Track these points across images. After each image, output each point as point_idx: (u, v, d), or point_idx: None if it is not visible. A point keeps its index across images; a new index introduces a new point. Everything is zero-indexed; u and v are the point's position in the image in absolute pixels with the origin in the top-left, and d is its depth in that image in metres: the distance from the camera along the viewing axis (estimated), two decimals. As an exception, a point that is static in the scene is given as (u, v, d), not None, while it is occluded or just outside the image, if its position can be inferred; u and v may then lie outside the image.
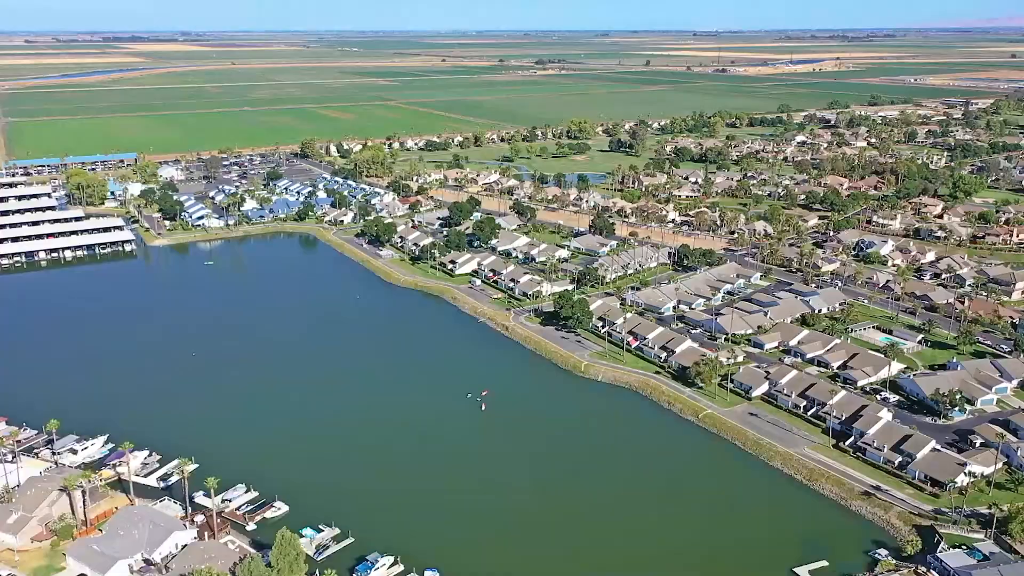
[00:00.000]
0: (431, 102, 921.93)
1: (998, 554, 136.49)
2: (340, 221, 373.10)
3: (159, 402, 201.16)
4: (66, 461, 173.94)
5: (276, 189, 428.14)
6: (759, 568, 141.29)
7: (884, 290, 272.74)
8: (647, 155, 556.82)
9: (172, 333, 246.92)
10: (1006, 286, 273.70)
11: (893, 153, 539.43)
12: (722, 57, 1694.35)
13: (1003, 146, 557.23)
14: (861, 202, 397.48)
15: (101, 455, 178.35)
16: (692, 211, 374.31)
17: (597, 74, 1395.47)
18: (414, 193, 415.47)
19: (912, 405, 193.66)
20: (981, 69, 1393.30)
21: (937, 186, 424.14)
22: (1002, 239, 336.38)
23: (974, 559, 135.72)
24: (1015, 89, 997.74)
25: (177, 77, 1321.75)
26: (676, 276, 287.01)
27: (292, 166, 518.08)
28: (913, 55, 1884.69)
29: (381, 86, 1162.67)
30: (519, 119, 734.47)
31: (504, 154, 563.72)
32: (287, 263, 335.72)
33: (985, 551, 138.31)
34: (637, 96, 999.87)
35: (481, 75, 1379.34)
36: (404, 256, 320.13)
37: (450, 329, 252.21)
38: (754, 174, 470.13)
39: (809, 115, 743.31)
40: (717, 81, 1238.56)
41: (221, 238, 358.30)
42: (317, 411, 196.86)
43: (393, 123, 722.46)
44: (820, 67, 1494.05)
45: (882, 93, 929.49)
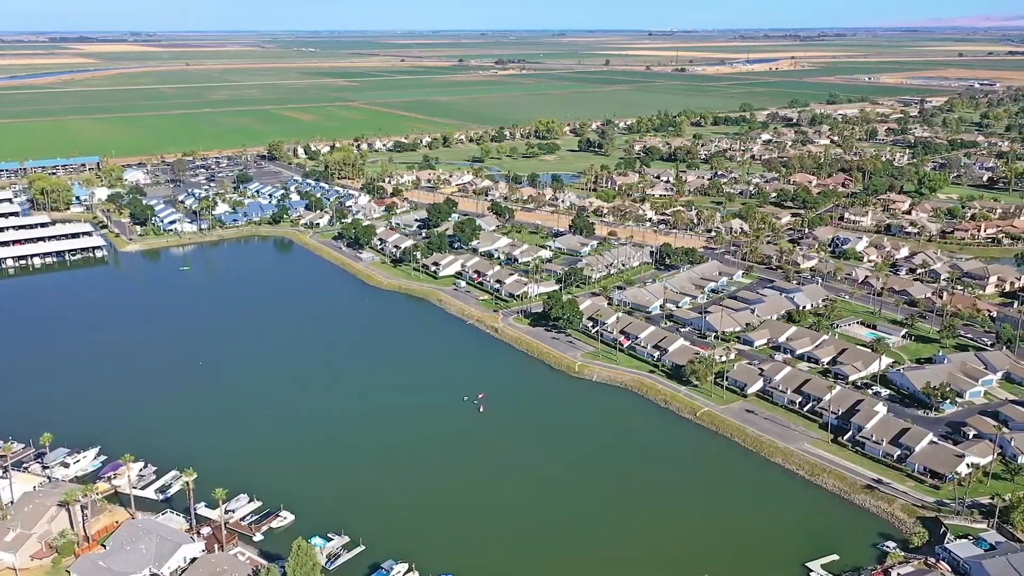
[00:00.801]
0: (394, 102, 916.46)
1: (1004, 543, 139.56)
2: (316, 224, 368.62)
3: (149, 411, 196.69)
4: (58, 475, 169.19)
5: (247, 192, 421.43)
6: (771, 564, 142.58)
7: (864, 286, 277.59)
8: (616, 154, 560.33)
9: (156, 341, 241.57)
10: (980, 280, 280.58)
11: (857, 151, 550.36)
12: (680, 57, 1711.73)
13: (961, 143, 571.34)
14: (831, 199, 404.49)
15: (94, 468, 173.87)
16: (669, 210, 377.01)
17: (558, 74, 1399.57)
18: (389, 195, 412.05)
19: (903, 399, 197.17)
20: (931, 68, 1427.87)
21: (903, 183, 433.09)
22: (970, 234, 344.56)
23: (981, 549, 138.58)
24: (966, 87, 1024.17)
25: (131, 78, 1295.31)
26: (660, 275, 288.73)
27: (260, 168, 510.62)
28: (864, 54, 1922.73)
29: (341, 87, 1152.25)
30: (485, 119, 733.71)
31: (474, 154, 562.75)
32: (266, 267, 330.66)
33: (990, 541, 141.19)
34: (599, 95, 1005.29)
35: (441, 75, 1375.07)
36: (385, 259, 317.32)
37: (440, 332, 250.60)
38: (724, 173, 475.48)
39: (772, 114, 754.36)
40: (677, 80, 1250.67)
41: (195, 243, 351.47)
42: (314, 417, 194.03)
43: (357, 124, 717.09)
44: (776, 66, 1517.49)
45: (839, 92, 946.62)
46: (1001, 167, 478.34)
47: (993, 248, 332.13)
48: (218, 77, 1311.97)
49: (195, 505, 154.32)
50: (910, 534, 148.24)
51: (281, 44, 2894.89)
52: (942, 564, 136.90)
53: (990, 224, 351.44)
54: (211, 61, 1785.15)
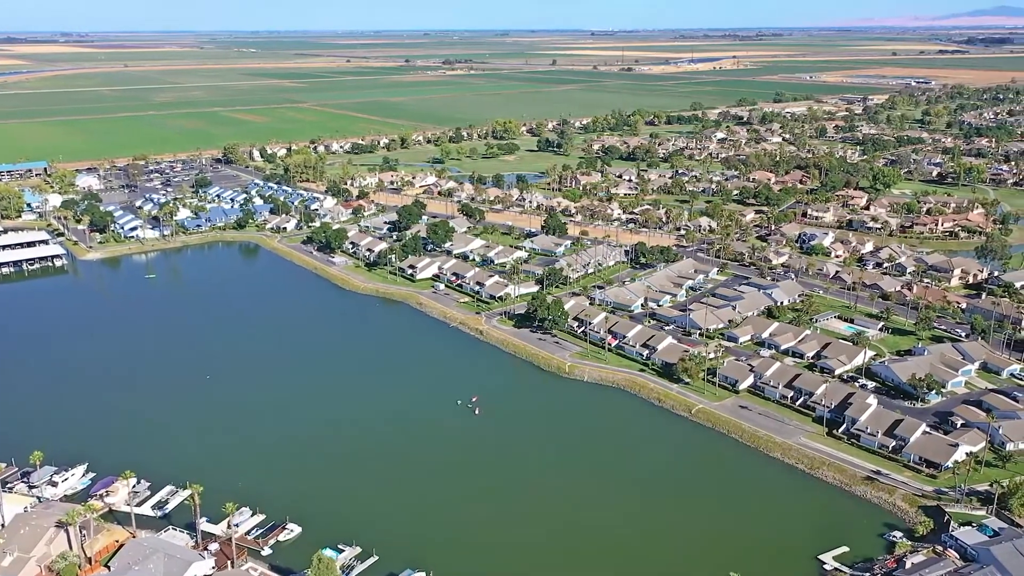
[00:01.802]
0: (345, 103, 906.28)
1: (1007, 529, 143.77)
2: (283, 228, 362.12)
3: (134, 425, 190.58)
4: (47, 495, 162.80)
5: (208, 197, 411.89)
6: (785, 558, 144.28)
7: (836, 280, 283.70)
8: (575, 154, 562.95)
9: (132, 352, 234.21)
10: (944, 273, 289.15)
11: (810, 148, 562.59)
12: (625, 56, 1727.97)
13: (908, 139, 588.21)
14: (792, 196, 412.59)
15: (83, 486, 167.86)
16: (637, 209, 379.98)
17: (506, 74, 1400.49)
18: (355, 197, 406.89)
19: (889, 391, 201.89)
20: (869, 67, 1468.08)
21: (858, 179, 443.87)
22: (928, 228, 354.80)
23: (985, 536, 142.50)
24: (904, 85, 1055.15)
25: (67, 80, 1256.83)
26: (638, 274, 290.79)
27: (217, 172, 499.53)
28: (803, 53, 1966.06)
29: (289, 88, 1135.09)
30: (439, 120, 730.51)
31: (434, 156, 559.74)
32: (236, 274, 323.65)
33: (993, 527, 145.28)
34: (550, 95, 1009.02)
35: (389, 75, 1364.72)
36: (359, 262, 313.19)
37: (424, 335, 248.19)
38: (685, 171, 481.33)
39: (723, 112, 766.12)
40: (625, 80, 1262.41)
41: (157, 250, 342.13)
42: (308, 426, 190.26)
43: (311, 126, 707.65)
44: (719, 65, 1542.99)
45: (784, 90, 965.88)
46: (947, 162, 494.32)
47: (951, 242, 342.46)
48: (159, 79, 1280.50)
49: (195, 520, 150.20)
50: (915, 523, 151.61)
51: (220, 45, 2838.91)
52: (950, 552, 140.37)
53: (947, 218, 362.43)
54: (150, 62, 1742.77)
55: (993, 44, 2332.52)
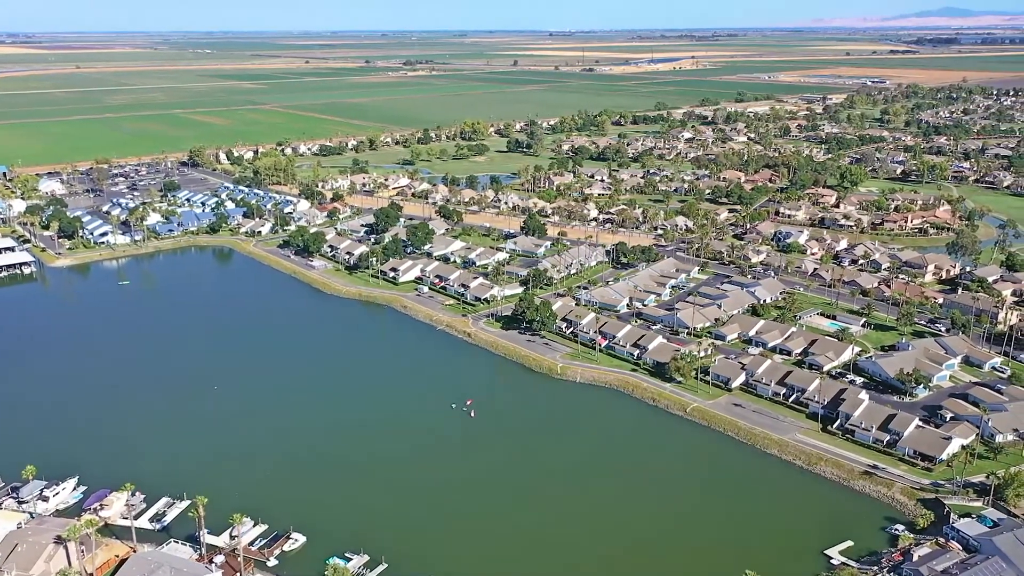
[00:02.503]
0: (308, 105, 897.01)
1: (1006, 519, 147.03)
2: (257, 232, 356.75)
3: (122, 436, 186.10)
4: (39, 510, 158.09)
5: (178, 201, 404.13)
6: (791, 554, 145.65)
7: (814, 278, 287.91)
8: (545, 155, 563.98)
9: (114, 360, 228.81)
10: (918, 268, 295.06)
11: (776, 147, 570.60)
12: (586, 57, 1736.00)
13: (870, 138, 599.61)
14: (764, 195, 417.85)
15: (75, 500, 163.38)
16: (613, 209, 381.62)
17: (468, 74, 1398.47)
18: (329, 200, 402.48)
19: (877, 386, 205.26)
20: (824, 66, 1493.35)
21: (825, 177, 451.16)
22: (898, 225, 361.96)
23: (986, 526, 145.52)
24: (861, 84, 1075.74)
25: (18, 82, 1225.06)
26: (620, 274, 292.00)
27: (184, 175, 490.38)
28: (759, 54, 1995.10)
29: (248, 89, 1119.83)
30: (405, 121, 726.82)
31: (403, 157, 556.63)
32: (213, 279, 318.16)
33: (992, 518, 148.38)
34: (514, 96, 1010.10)
35: (350, 76, 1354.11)
36: (339, 266, 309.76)
37: (412, 339, 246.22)
38: (656, 171, 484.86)
39: (688, 112, 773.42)
40: (587, 80, 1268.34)
41: (129, 255, 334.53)
42: (304, 433, 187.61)
43: (273, 127, 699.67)
44: (679, 65, 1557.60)
45: (745, 90, 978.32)
46: (910, 160, 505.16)
47: (921, 238, 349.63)
48: (114, 81, 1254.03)
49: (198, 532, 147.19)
50: (915, 516, 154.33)
51: (174, 46, 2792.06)
52: (953, 543, 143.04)
53: (915, 215, 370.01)
54: (102, 64, 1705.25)
55: (941, 44, 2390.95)
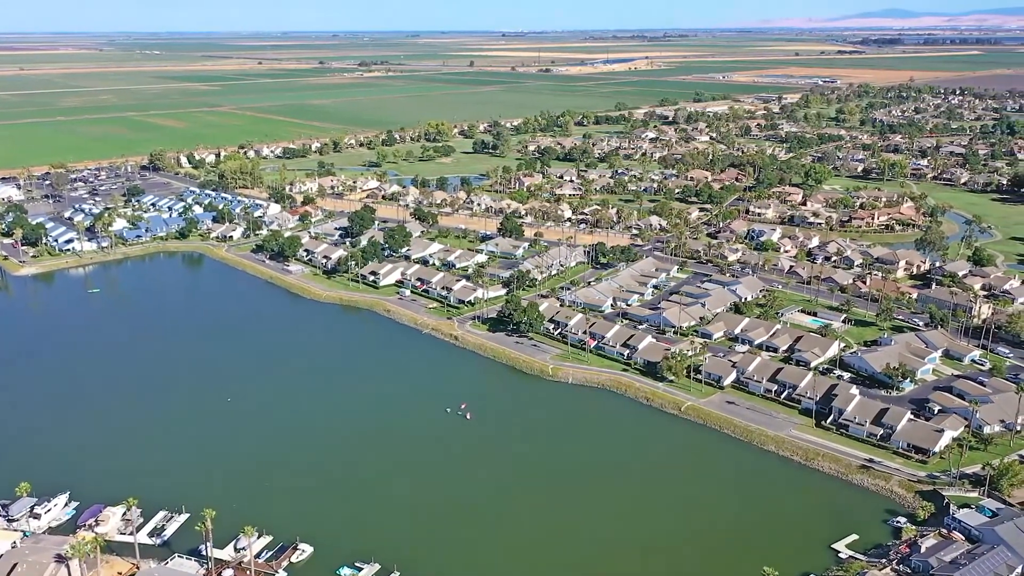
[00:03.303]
0: (266, 107, 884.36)
1: (1004, 509, 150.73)
2: (228, 237, 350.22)
3: (110, 448, 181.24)
4: (31, 528, 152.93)
5: (143, 206, 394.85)
6: (798, 550, 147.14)
7: (791, 275, 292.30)
8: (512, 155, 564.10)
9: (91, 370, 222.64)
10: (890, 265, 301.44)
11: (739, 147, 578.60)
12: (542, 57, 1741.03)
13: (828, 137, 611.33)
14: (732, 194, 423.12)
15: (68, 516, 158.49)
16: (587, 209, 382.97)
17: (425, 75, 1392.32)
18: (300, 204, 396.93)
19: (863, 381, 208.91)
20: (775, 66, 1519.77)
21: (790, 176, 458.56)
22: (865, 222, 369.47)
23: (985, 516, 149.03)
24: (813, 84, 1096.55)
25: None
26: (601, 274, 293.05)
27: (145, 180, 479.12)
28: (711, 54, 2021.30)
29: (203, 91, 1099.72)
30: (366, 122, 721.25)
31: (369, 159, 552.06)
32: (187, 285, 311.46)
33: (990, 508, 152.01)
34: (474, 96, 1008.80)
35: (305, 78, 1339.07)
36: (316, 270, 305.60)
37: (398, 343, 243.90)
38: (624, 171, 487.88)
39: (649, 112, 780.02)
40: (545, 81, 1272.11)
41: (97, 262, 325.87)
42: (300, 441, 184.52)
43: (232, 130, 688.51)
44: (634, 66, 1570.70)
45: (702, 90, 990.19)
46: (869, 158, 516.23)
47: (888, 235, 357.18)
48: (62, 83, 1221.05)
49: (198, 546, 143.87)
50: (915, 508, 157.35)
51: (120, 47, 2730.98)
52: (955, 534, 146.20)
53: (881, 212, 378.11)
54: (47, 65, 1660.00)
55: (886, 45, 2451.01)
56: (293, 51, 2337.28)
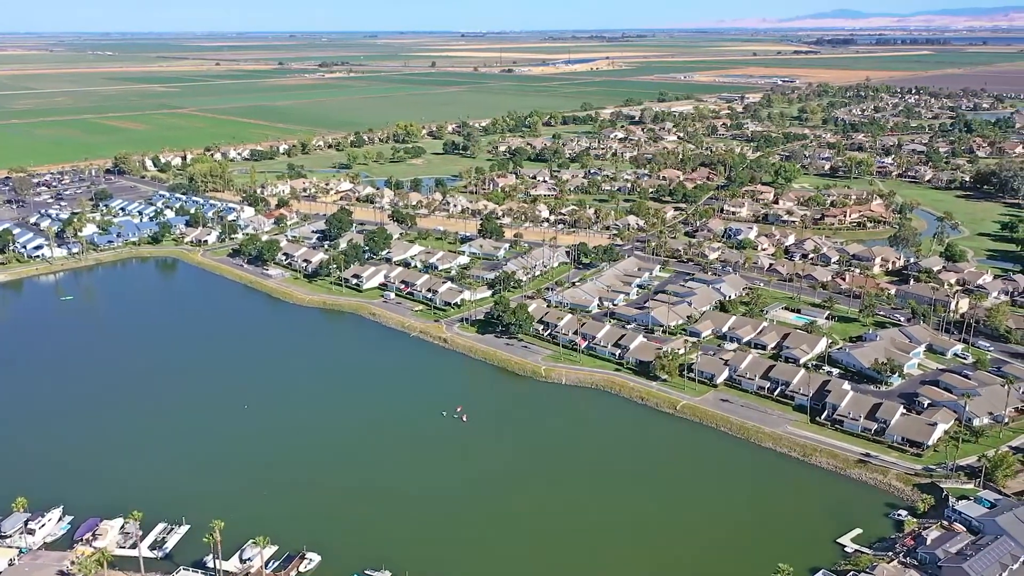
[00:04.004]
0: (228, 108, 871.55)
1: (1002, 500, 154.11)
2: (203, 241, 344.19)
3: (99, 459, 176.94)
4: (27, 544, 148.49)
5: (112, 210, 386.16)
6: (804, 545, 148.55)
7: (771, 272, 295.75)
8: (483, 156, 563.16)
9: (74, 380, 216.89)
10: (867, 261, 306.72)
11: (707, 146, 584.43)
12: (504, 58, 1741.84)
13: (793, 136, 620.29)
14: (705, 193, 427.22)
15: (63, 531, 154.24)
16: (564, 209, 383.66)
17: (386, 76, 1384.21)
18: (275, 207, 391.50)
19: (852, 376, 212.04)
20: (734, 66, 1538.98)
21: (761, 175, 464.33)
22: (838, 219, 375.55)
23: (984, 507, 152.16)
24: (773, 84, 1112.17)
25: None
26: (586, 274, 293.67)
27: (111, 183, 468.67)
28: (670, 54, 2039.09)
29: (161, 92, 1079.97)
30: (331, 123, 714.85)
31: (339, 161, 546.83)
32: (165, 291, 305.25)
33: (988, 499, 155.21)
34: (438, 97, 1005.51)
35: (265, 79, 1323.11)
36: (297, 274, 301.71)
37: (387, 347, 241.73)
38: (596, 171, 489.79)
39: (615, 112, 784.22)
40: (508, 81, 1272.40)
41: (68, 269, 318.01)
42: (296, 450, 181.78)
43: (195, 132, 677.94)
44: (595, 66, 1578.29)
45: (666, 90, 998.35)
46: (835, 157, 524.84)
47: (860, 232, 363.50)
48: (13, 84, 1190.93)
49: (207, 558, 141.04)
50: (915, 501, 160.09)
51: (71, 47, 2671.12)
52: (957, 525, 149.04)
53: (853, 210, 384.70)
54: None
55: (839, 45, 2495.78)
56: (251, 52, 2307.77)
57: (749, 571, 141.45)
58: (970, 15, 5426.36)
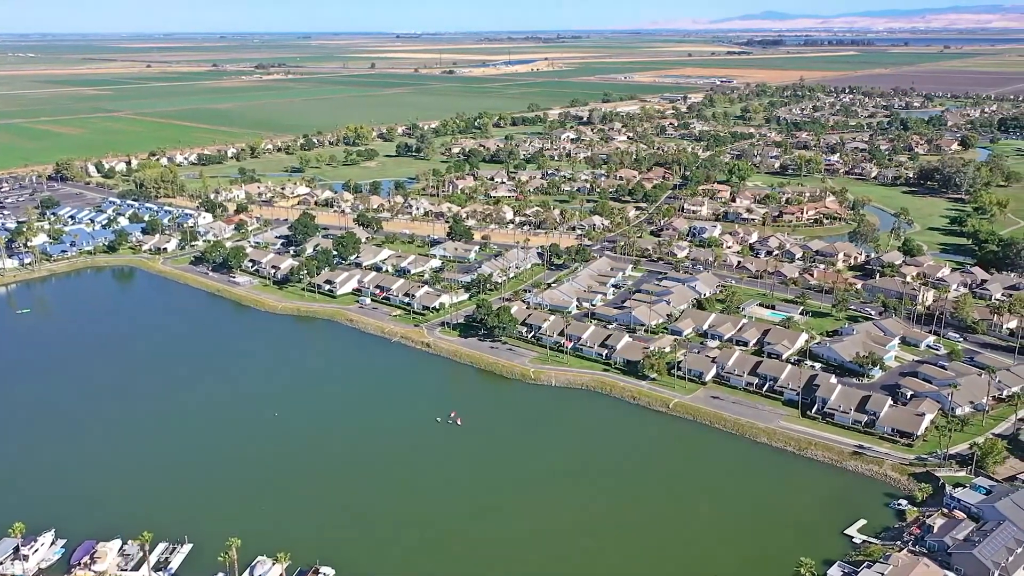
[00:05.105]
0: (166, 111, 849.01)
1: (997, 486, 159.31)
2: (163, 249, 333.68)
3: (84, 478, 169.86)
4: (20, 570, 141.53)
5: (61, 219, 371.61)
6: (814, 537, 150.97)
7: (741, 270, 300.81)
8: (436, 158, 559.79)
9: (46, 396, 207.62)
10: (830, 257, 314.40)
11: (659, 146, 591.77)
12: (444, 59, 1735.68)
13: (741, 135, 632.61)
14: (663, 192, 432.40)
15: (58, 555, 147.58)
16: (529, 211, 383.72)
17: (326, 78, 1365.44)
18: (234, 212, 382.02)
19: (834, 370, 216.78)
20: (672, 67, 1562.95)
21: (716, 174, 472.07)
22: (795, 217, 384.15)
23: (981, 494, 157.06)
24: (712, 84, 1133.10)
25: None
26: (561, 275, 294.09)
27: (54, 190, 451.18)
28: (608, 55, 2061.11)
29: (93, 96, 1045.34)
30: (276, 126, 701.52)
31: (290, 164, 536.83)
32: (128, 302, 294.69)
33: (984, 486, 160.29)
34: (382, 99, 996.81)
35: (201, 81, 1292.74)
36: (266, 281, 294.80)
37: (370, 354, 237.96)
38: (553, 172, 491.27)
39: (563, 113, 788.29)
40: (450, 82, 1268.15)
41: (20, 280, 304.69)
42: (293, 463, 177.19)
43: (135, 136, 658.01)
44: (536, 67, 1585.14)
45: (610, 91, 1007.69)
46: (782, 155, 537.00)
47: (818, 228, 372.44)
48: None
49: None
50: (913, 490, 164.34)
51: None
52: (957, 512, 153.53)
53: (809, 207, 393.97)
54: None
55: (770, 46, 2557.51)
56: (181, 53, 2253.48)
57: (763, 566, 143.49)
58: (889, 16, 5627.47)
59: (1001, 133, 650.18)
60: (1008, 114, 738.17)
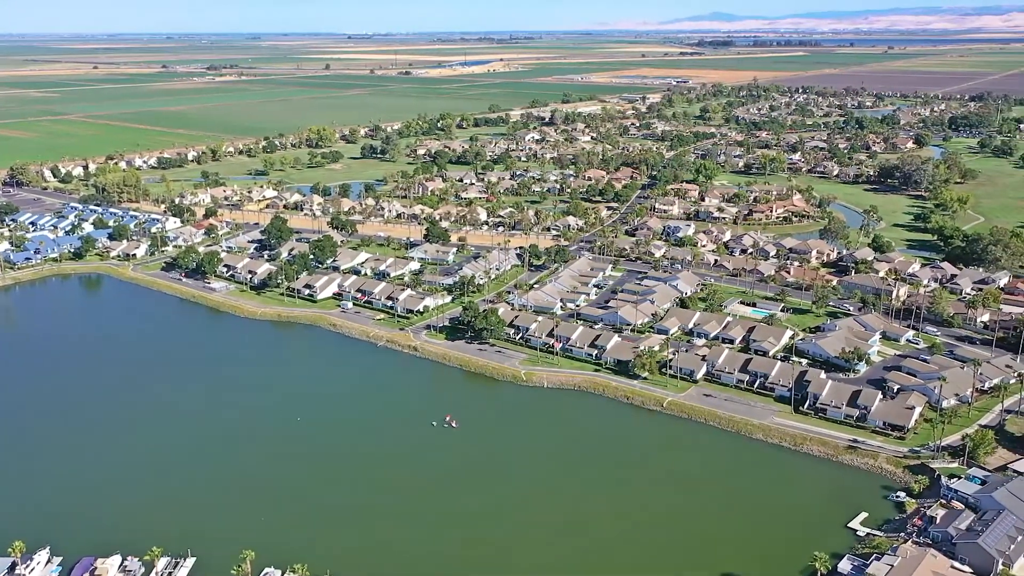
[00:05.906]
0: (119, 114, 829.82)
1: (991, 476, 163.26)
2: (132, 255, 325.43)
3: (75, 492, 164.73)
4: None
5: (21, 225, 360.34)
6: (819, 531, 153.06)
7: (718, 268, 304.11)
8: (402, 160, 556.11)
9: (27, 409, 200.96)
10: (804, 254, 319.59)
11: (623, 145, 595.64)
12: (399, 60, 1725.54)
13: (703, 135, 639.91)
14: (633, 191, 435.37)
15: (54, 573, 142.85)
16: (503, 212, 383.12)
17: (280, 79, 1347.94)
18: (203, 217, 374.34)
19: (820, 365, 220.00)
20: (627, 68, 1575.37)
21: (683, 173, 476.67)
22: (765, 215, 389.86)
23: (976, 484, 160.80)
24: (668, 84, 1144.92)
25: None
26: (543, 276, 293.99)
27: (10, 196, 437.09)
28: (562, 56, 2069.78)
29: (39, 98, 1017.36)
30: (235, 129, 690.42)
31: (254, 167, 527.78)
32: (100, 310, 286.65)
33: (978, 476, 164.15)
34: (340, 100, 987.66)
35: (151, 83, 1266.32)
36: (243, 286, 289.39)
37: (355, 359, 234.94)
38: (522, 172, 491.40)
39: (525, 114, 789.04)
40: (407, 83, 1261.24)
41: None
42: (290, 473, 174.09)
43: (90, 139, 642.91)
44: (492, 68, 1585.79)
45: (569, 91, 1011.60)
46: (744, 154, 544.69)
47: (788, 226, 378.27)
48: None
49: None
50: (909, 482, 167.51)
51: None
52: (956, 503, 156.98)
53: (778, 205, 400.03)
54: None
55: (720, 46, 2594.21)
56: (127, 54, 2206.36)
57: (772, 560, 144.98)
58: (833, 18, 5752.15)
59: (953, 131, 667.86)
60: (958, 113, 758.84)
